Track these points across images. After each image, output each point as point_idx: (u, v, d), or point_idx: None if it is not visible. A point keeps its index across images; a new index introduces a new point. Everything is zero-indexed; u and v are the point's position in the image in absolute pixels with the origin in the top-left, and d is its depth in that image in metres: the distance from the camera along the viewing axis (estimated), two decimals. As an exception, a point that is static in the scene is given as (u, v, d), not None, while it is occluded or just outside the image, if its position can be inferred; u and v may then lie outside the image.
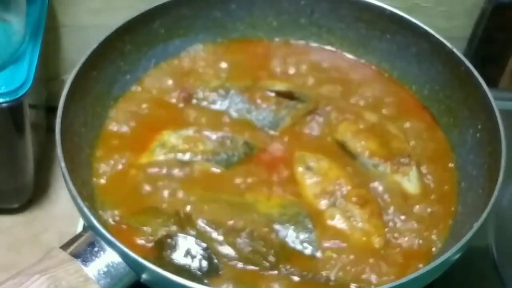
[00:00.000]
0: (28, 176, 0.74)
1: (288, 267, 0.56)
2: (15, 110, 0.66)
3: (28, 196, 0.77)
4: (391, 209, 0.61)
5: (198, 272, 0.55)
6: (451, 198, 0.63)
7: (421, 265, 0.57)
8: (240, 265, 0.56)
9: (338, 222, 0.60)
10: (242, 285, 0.55)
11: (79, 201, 0.53)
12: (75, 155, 0.60)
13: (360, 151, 0.64)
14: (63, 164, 0.55)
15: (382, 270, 0.57)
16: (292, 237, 0.58)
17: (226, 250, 0.57)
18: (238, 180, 0.62)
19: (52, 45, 0.79)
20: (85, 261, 0.52)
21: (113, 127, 0.66)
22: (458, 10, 0.80)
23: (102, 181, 0.62)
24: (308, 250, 0.58)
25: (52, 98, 0.75)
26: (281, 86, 0.69)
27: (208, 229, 0.58)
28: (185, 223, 0.58)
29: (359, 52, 0.74)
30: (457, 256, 0.54)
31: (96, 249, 0.52)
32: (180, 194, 0.60)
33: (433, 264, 0.52)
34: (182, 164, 0.62)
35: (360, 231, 0.59)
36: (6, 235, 0.76)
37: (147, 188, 0.61)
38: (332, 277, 0.56)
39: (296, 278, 0.56)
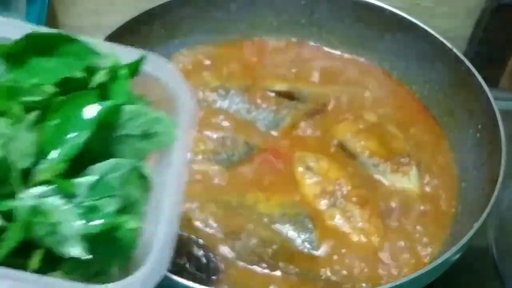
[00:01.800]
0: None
1: (288, 267, 0.56)
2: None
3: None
4: (391, 209, 0.61)
5: (197, 272, 0.55)
6: (451, 198, 0.63)
7: (421, 265, 0.57)
8: (239, 265, 0.56)
9: (338, 222, 0.60)
10: (241, 286, 0.55)
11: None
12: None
13: (360, 151, 0.64)
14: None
15: (382, 270, 0.57)
16: (292, 237, 0.58)
17: (225, 250, 0.57)
18: (238, 180, 0.62)
19: (52, 45, 0.79)
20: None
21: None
22: (458, 10, 0.80)
23: (102, 181, 0.62)
24: (308, 250, 0.58)
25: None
26: (281, 86, 0.69)
27: (208, 229, 0.58)
28: (185, 222, 0.58)
29: (359, 52, 0.74)
30: (457, 256, 0.54)
31: (96, 249, 0.52)
32: (180, 194, 0.60)
33: (433, 264, 0.52)
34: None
35: (360, 231, 0.59)
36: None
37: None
38: (333, 277, 0.56)
39: (296, 278, 0.56)
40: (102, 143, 0.40)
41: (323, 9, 0.73)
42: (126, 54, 0.42)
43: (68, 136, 0.39)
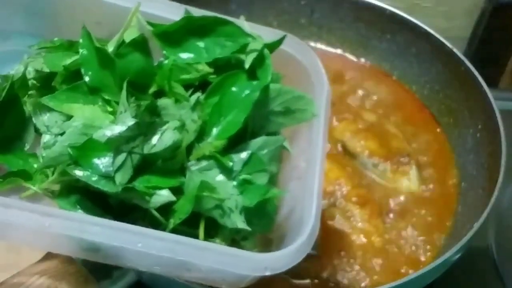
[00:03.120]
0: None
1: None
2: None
3: (28, 196, 0.77)
4: (391, 209, 0.61)
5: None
6: (451, 198, 0.63)
7: (421, 265, 0.57)
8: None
9: (338, 222, 0.60)
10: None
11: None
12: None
13: (359, 151, 0.64)
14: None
15: (382, 270, 0.57)
16: (292, 237, 0.58)
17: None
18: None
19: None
20: (85, 261, 0.51)
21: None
22: (458, 10, 0.80)
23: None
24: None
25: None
26: (281, 86, 0.69)
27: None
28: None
29: (359, 52, 0.74)
30: (457, 256, 0.54)
31: (96, 249, 0.52)
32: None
33: (433, 264, 0.52)
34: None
35: (360, 231, 0.59)
36: (6, 235, 0.76)
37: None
38: (333, 277, 0.56)
39: (295, 279, 0.56)
40: (252, 120, 0.42)
41: (323, 9, 0.73)
42: (265, 33, 0.44)
43: (227, 114, 0.41)
